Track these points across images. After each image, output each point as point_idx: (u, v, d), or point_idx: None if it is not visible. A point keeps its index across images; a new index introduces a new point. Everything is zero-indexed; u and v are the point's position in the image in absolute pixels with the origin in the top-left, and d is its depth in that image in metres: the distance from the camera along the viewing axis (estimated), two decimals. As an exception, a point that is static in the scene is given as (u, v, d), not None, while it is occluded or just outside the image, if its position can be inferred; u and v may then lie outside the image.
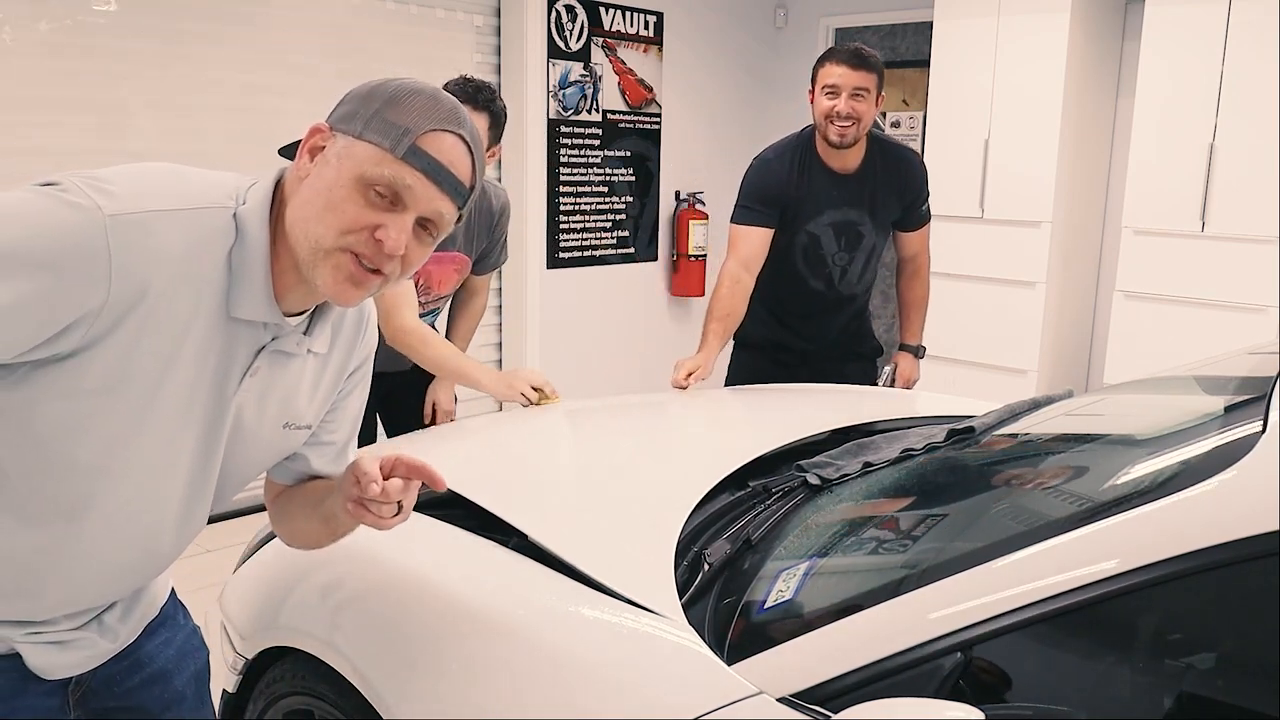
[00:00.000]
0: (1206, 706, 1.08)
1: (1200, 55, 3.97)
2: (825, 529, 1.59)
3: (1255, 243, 3.91)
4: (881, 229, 2.80)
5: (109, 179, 1.02)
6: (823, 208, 2.71)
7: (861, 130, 2.64)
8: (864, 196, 2.72)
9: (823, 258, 2.77)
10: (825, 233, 2.74)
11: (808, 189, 2.70)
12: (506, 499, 1.75)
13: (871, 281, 2.91)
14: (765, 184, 2.70)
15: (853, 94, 2.59)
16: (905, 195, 2.78)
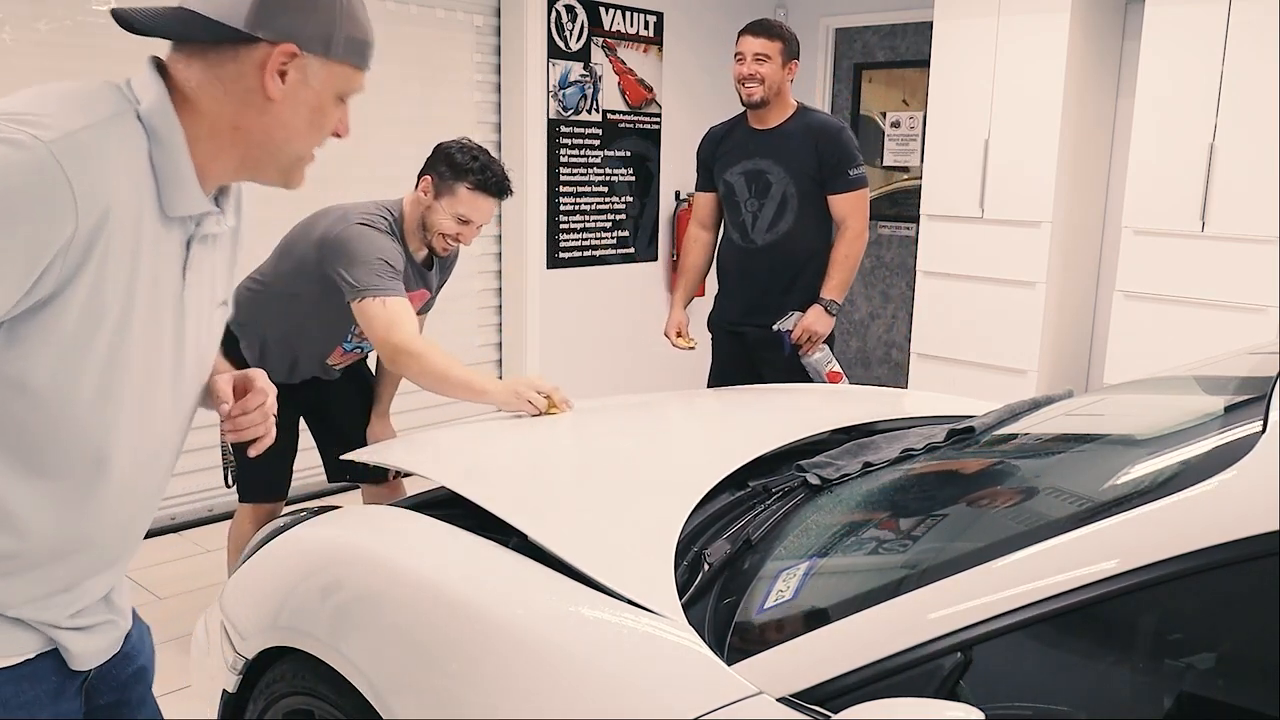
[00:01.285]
0: (1206, 706, 1.08)
1: (1200, 55, 3.97)
2: (825, 529, 1.59)
3: (1255, 243, 3.91)
4: (795, 180, 2.99)
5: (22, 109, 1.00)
6: (737, 158, 3.08)
7: (768, 91, 2.96)
8: (774, 148, 3.02)
9: (736, 204, 3.09)
10: (738, 180, 3.08)
11: (728, 146, 3.12)
12: (506, 499, 1.75)
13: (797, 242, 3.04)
14: (701, 153, 3.22)
15: (755, 58, 2.94)
16: (822, 152, 2.97)
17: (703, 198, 3.25)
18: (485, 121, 4.67)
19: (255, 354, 2.56)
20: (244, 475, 2.63)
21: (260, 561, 1.83)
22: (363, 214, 2.43)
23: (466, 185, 2.42)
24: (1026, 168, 4.52)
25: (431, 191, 2.45)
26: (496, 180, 2.45)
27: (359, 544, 1.71)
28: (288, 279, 2.52)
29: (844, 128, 3.07)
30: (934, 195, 4.85)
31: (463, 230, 2.48)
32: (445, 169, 2.44)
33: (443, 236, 2.48)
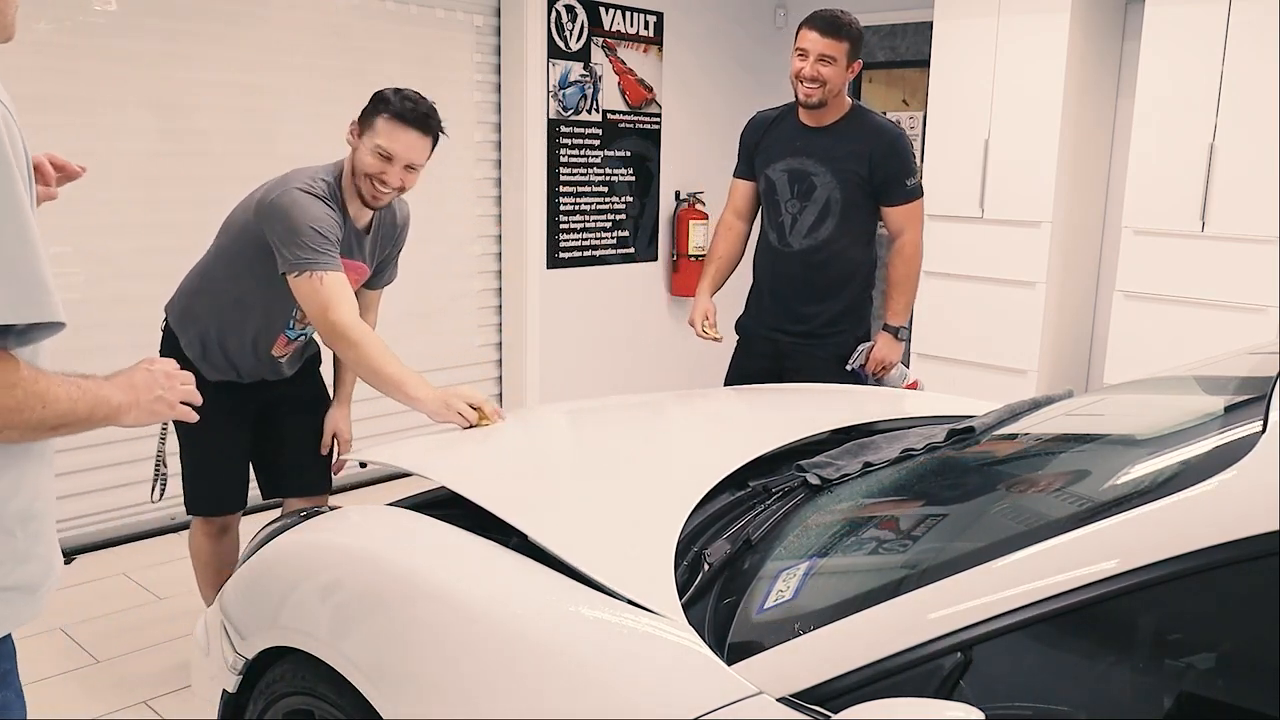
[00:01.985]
0: (1206, 706, 1.08)
1: (1200, 55, 3.97)
2: (825, 529, 1.59)
3: (1255, 243, 3.91)
4: (842, 186, 2.83)
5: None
6: (782, 154, 2.89)
7: (828, 93, 2.77)
8: (823, 149, 2.83)
9: (777, 204, 2.91)
10: (781, 178, 2.89)
11: (773, 138, 2.92)
12: (506, 499, 1.75)
13: (835, 251, 2.90)
14: (744, 137, 3.02)
15: (819, 59, 2.72)
16: (875, 160, 2.81)
17: (740, 185, 3.04)
18: (485, 121, 4.68)
19: (197, 350, 2.45)
20: (192, 487, 2.55)
21: (260, 561, 1.83)
22: (303, 179, 2.31)
23: (383, 116, 2.28)
24: (1026, 168, 4.52)
25: (355, 132, 2.34)
26: (414, 109, 2.29)
27: (359, 544, 1.71)
28: (229, 256, 2.42)
29: (902, 134, 2.87)
30: (934, 195, 4.84)
31: (386, 170, 2.29)
32: (368, 106, 2.33)
33: (368, 179, 2.31)
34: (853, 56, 2.76)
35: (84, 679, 2.74)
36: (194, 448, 2.53)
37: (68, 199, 3.45)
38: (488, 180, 4.74)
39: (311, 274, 2.22)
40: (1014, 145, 4.55)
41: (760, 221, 3.04)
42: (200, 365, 2.43)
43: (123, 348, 3.33)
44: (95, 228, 3.50)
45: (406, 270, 4.45)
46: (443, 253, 4.58)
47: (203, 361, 2.44)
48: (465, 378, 4.79)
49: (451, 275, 4.65)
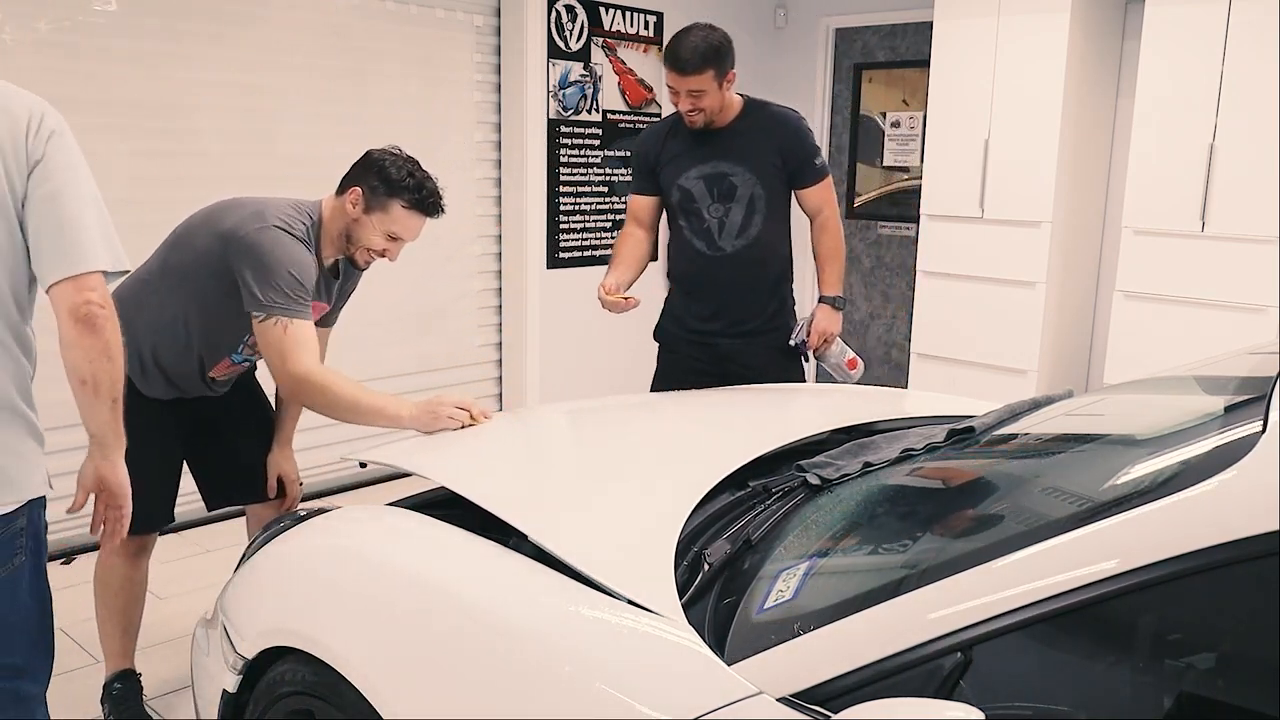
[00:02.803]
0: (1206, 706, 1.08)
1: (1200, 55, 3.97)
2: (825, 529, 1.60)
3: (1255, 243, 3.91)
4: (763, 181, 2.81)
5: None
6: (692, 162, 2.84)
7: (712, 114, 2.76)
8: (733, 148, 2.81)
9: (698, 210, 2.86)
10: (696, 185, 2.85)
11: (675, 148, 2.87)
12: (506, 499, 1.75)
13: (768, 247, 2.86)
14: (638, 155, 2.98)
15: (689, 94, 2.71)
16: (785, 148, 2.82)
17: (641, 201, 2.97)
18: (485, 121, 4.68)
19: (134, 366, 2.29)
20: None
21: (260, 561, 1.83)
22: (280, 216, 2.23)
23: (401, 203, 2.26)
24: (1026, 168, 4.52)
25: (361, 205, 2.28)
26: (432, 199, 2.30)
27: (359, 544, 1.71)
28: (180, 276, 2.29)
29: (802, 117, 2.89)
30: (934, 195, 4.85)
31: (390, 247, 2.32)
32: (378, 183, 2.27)
33: (368, 251, 2.32)
34: (722, 73, 2.70)
35: (84, 679, 2.74)
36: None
37: (68, 199, 3.45)
38: (488, 180, 4.74)
39: (278, 320, 2.15)
40: (1014, 145, 4.55)
41: (676, 234, 2.96)
42: (138, 382, 2.31)
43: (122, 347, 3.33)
44: (95, 228, 3.49)
45: (407, 270, 4.47)
46: (443, 253, 4.58)
47: (141, 378, 2.32)
48: (465, 378, 4.79)
49: (451, 275, 4.65)
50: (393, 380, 4.45)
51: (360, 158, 2.34)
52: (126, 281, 2.32)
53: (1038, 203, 4.51)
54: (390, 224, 2.28)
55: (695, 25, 2.72)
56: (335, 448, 4.08)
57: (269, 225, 2.19)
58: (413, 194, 2.27)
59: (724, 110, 2.78)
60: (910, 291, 5.51)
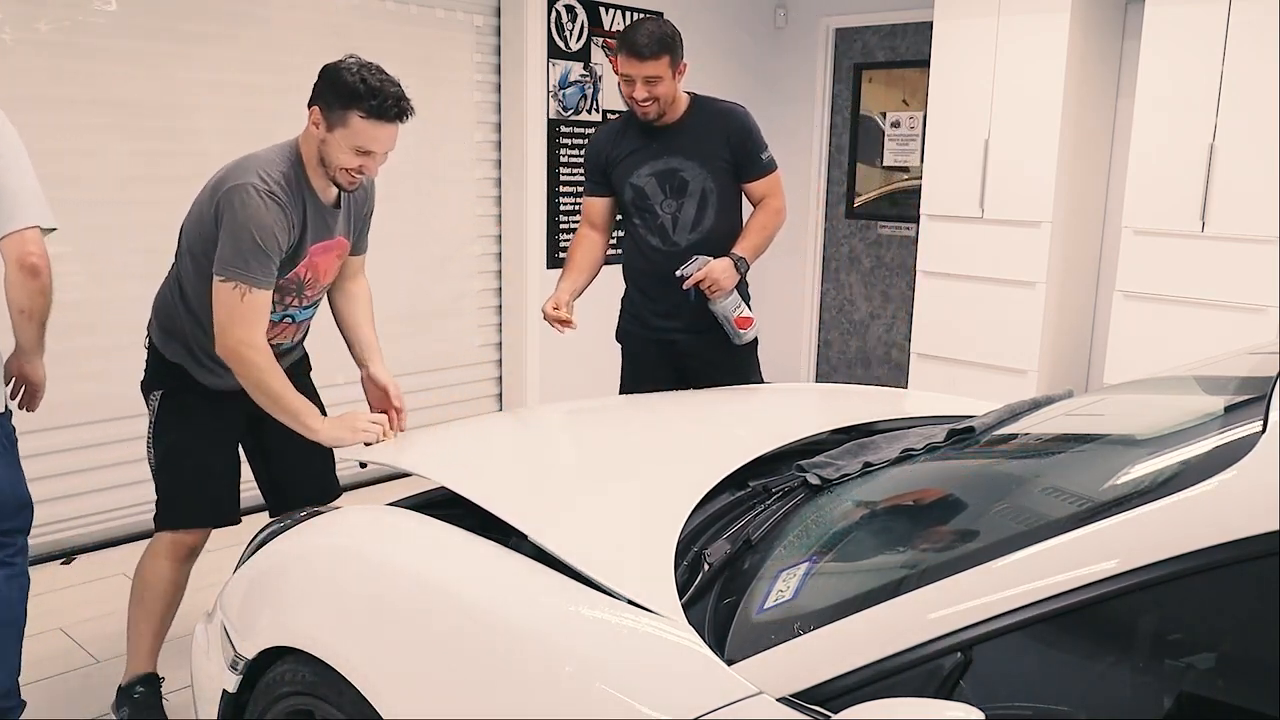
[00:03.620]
0: (1206, 706, 1.08)
1: (1200, 55, 3.97)
2: (825, 529, 1.60)
3: (1255, 243, 3.91)
4: (713, 175, 2.84)
5: None
6: (643, 160, 2.87)
7: (665, 104, 2.79)
8: (682, 144, 2.84)
9: (651, 207, 2.88)
10: (648, 183, 2.87)
11: (626, 147, 2.90)
12: (506, 499, 1.75)
13: (722, 240, 2.83)
14: (590, 157, 3.00)
15: (645, 81, 2.73)
16: (733, 140, 2.85)
17: (596, 203, 2.99)
18: (485, 121, 4.68)
19: (185, 356, 2.35)
20: (184, 495, 2.38)
21: (260, 561, 1.83)
22: (258, 170, 2.17)
23: (359, 114, 2.13)
24: (1026, 168, 4.52)
25: (323, 124, 2.17)
26: (392, 103, 2.15)
27: (359, 544, 1.71)
28: (198, 251, 2.26)
29: (748, 112, 2.92)
30: (934, 195, 4.85)
31: (365, 161, 2.20)
32: (332, 97, 2.14)
33: (345, 171, 2.21)
34: (676, 63, 2.76)
35: (84, 679, 2.74)
36: (186, 455, 2.38)
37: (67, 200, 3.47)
38: (488, 180, 4.74)
39: (237, 285, 2.13)
40: (1014, 145, 4.55)
41: (630, 230, 2.96)
42: (195, 372, 2.35)
43: (123, 347, 3.33)
44: (95, 228, 3.50)
45: (407, 270, 4.48)
46: (443, 253, 4.59)
47: (198, 368, 2.35)
48: (465, 378, 4.80)
49: (451, 275, 4.65)
50: (393, 380, 4.45)
51: (319, 73, 2.20)
52: (161, 292, 2.43)
53: (1038, 203, 4.51)
54: (354, 138, 2.15)
55: (649, 17, 2.79)
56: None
57: (242, 183, 2.14)
58: (368, 101, 2.12)
59: (674, 104, 2.82)
60: (910, 291, 5.51)
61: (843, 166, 5.79)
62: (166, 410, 2.40)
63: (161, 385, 2.40)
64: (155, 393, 2.41)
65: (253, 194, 2.13)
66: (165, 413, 2.40)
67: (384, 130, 2.17)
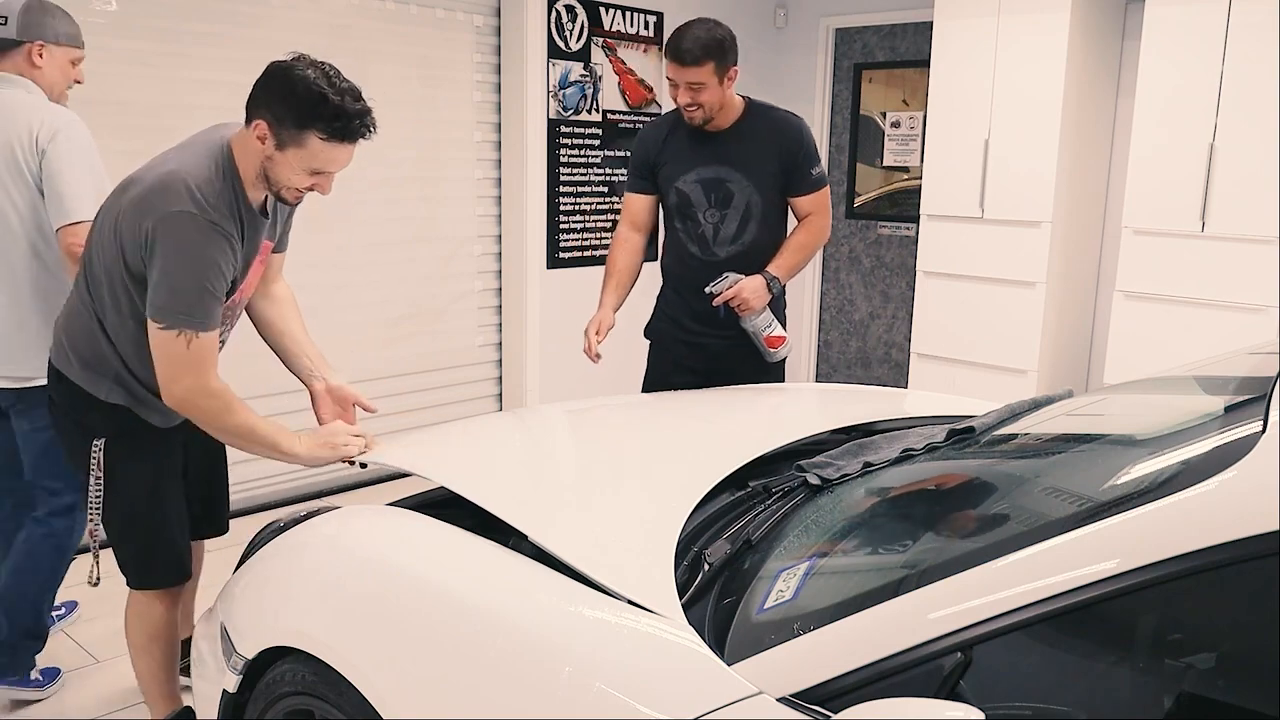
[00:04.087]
0: (1206, 706, 1.08)
1: (1200, 55, 3.97)
2: (825, 529, 1.60)
3: (1255, 243, 3.91)
4: (759, 189, 2.77)
5: None
6: (691, 165, 2.80)
7: (711, 110, 2.70)
8: (732, 153, 2.77)
9: (694, 214, 2.82)
10: (694, 189, 2.81)
11: (675, 149, 2.82)
12: (506, 499, 1.75)
13: (761, 254, 2.79)
14: (637, 152, 2.92)
15: (689, 87, 2.66)
16: (785, 154, 2.77)
17: (638, 200, 2.92)
18: (485, 121, 4.68)
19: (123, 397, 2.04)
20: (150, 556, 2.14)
21: (260, 561, 1.83)
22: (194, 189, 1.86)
23: (319, 135, 1.85)
24: (1026, 168, 4.52)
25: (271, 140, 1.87)
26: (359, 125, 1.88)
27: (359, 544, 1.71)
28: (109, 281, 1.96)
29: (805, 125, 2.82)
30: (934, 195, 4.85)
31: (318, 181, 1.94)
32: (286, 113, 1.84)
33: (293, 190, 1.96)
34: (724, 69, 2.65)
35: (84, 679, 2.74)
36: (154, 509, 2.12)
37: (68, 199, 3.45)
38: (488, 180, 4.74)
39: (181, 332, 1.87)
40: (1014, 145, 4.55)
41: (671, 233, 2.92)
42: (139, 411, 2.06)
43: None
44: (95, 228, 3.49)
45: (407, 270, 4.48)
46: (443, 253, 4.58)
47: (141, 407, 2.06)
48: (465, 378, 4.79)
49: (451, 275, 4.65)
50: (393, 380, 4.45)
51: (262, 74, 1.89)
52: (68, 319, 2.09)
53: (1038, 203, 4.51)
54: (310, 159, 1.88)
55: (699, 19, 2.69)
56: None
57: (176, 211, 1.84)
58: (331, 122, 1.84)
59: (724, 110, 2.73)
60: (910, 291, 5.51)
61: (843, 166, 5.79)
62: (118, 459, 2.05)
63: (101, 432, 2.04)
64: (96, 441, 2.04)
65: (190, 226, 1.84)
66: (118, 463, 2.05)
67: (345, 151, 1.91)
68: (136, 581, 2.16)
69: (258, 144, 1.89)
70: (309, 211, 2.59)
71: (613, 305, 2.89)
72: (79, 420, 2.07)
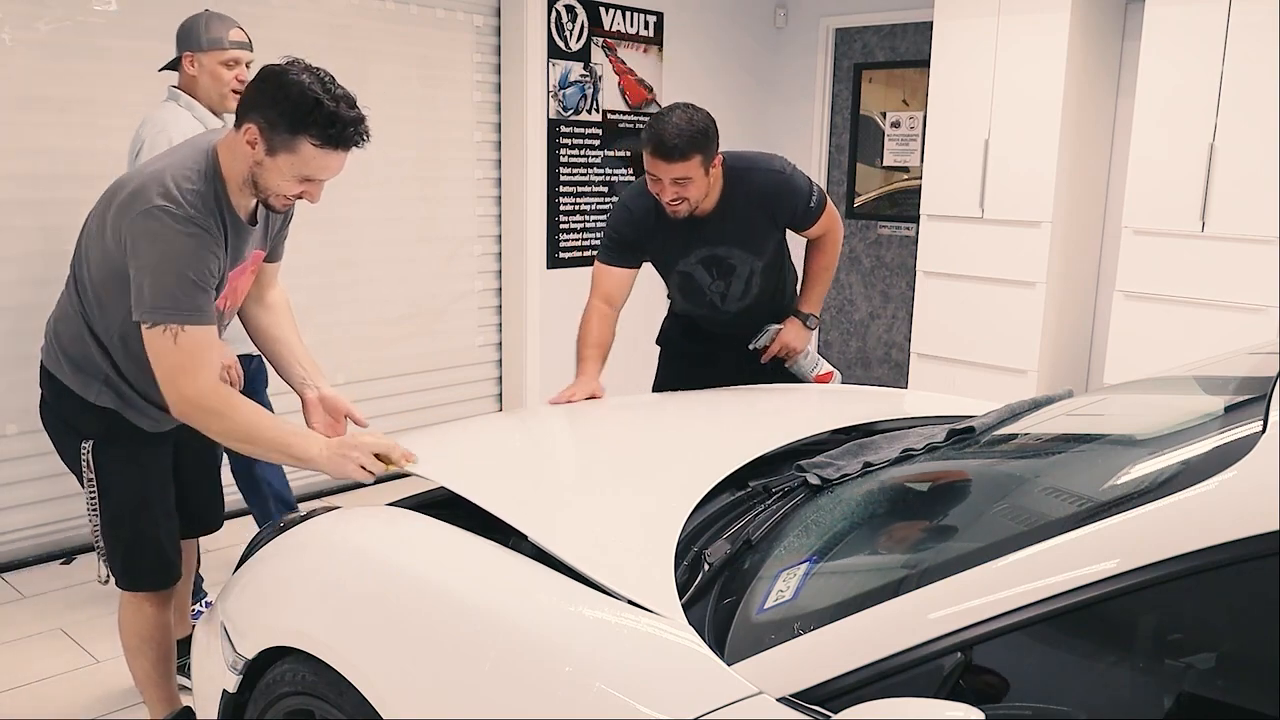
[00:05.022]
0: (1206, 706, 1.08)
1: (1200, 55, 3.97)
2: (825, 529, 1.60)
3: (1255, 243, 3.91)
4: (759, 253, 2.72)
5: None
6: (688, 250, 2.69)
7: (695, 202, 2.54)
8: (726, 232, 2.66)
9: (699, 289, 2.78)
10: (696, 270, 2.74)
11: (667, 235, 2.66)
12: (506, 499, 1.75)
13: (768, 287, 2.81)
14: (623, 232, 2.70)
15: (674, 183, 2.49)
16: (777, 215, 2.68)
17: (617, 275, 2.69)
18: (485, 121, 4.68)
19: (112, 399, 2.02)
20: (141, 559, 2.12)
21: (260, 561, 1.83)
22: (163, 187, 1.82)
23: (312, 141, 1.82)
24: (1026, 168, 4.52)
25: (261, 145, 1.84)
26: (353, 131, 1.84)
27: (359, 544, 1.71)
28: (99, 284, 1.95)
29: (783, 175, 2.65)
30: (934, 195, 4.85)
31: (309, 189, 1.91)
32: (278, 117, 1.81)
33: (282, 197, 1.92)
34: (709, 159, 2.49)
35: (84, 679, 2.74)
36: (140, 512, 2.10)
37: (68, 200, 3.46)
38: (488, 180, 4.74)
39: (167, 328, 1.82)
40: (1014, 145, 4.55)
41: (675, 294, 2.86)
42: (128, 415, 2.04)
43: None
44: (95, 228, 3.50)
45: (408, 270, 4.48)
46: (443, 253, 4.59)
47: (130, 410, 2.04)
48: (465, 378, 4.80)
49: (451, 275, 4.65)
50: (393, 380, 4.45)
51: (254, 78, 1.87)
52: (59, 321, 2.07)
53: (1038, 203, 4.51)
54: (302, 166, 1.85)
55: (675, 105, 2.50)
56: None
57: (155, 206, 1.81)
58: (326, 128, 1.81)
59: (709, 196, 2.58)
60: (910, 291, 5.51)
61: (843, 166, 5.79)
62: (107, 461, 2.05)
63: (90, 434, 2.04)
64: (84, 443, 2.03)
65: (165, 219, 1.80)
66: (106, 465, 2.05)
67: (338, 159, 1.87)
68: (125, 583, 2.15)
69: (247, 148, 1.86)
70: (309, 211, 2.59)
71: (596, 374, 2.63)
72: (69, 421, 2.06)
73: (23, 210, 3.34)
